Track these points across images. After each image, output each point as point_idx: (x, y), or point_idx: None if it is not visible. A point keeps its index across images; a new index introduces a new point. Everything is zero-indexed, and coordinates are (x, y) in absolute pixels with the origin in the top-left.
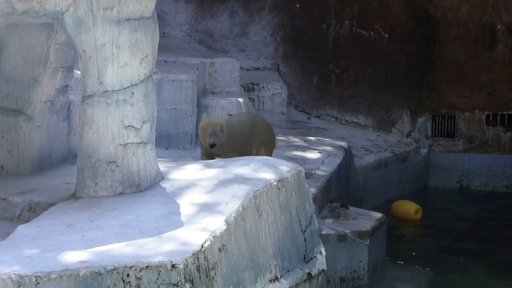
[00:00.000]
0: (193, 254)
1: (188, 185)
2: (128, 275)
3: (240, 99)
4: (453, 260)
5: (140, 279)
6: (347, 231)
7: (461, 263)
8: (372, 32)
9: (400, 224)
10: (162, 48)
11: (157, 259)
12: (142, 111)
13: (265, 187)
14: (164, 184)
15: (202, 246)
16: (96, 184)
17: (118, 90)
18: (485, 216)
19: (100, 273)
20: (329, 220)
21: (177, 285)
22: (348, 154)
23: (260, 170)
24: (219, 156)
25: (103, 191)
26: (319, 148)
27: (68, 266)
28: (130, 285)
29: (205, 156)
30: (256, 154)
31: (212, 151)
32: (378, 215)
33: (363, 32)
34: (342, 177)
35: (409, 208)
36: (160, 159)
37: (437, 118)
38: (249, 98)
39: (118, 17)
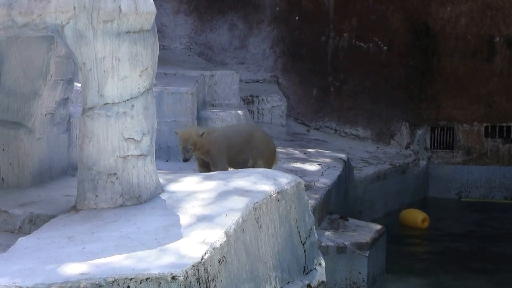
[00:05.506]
0: (193, 266)
1: (188, 197)
2: (128, 287)
3: (240, 111)
4: (453, 272)
5: None
6: (346, 243)
7: (461, 275)
8: (371, 45)
9: (405, 233)
10: (162, 61)
11: (157, 271)
12: (142, 123)
13: (264, 199)
14: (164, 196)
15: (202, 258)
16: (97, 196)
17: (118, 103)
18: (485, 228)
19: (101, 285)
20: (328, 232)
21: None
22: (347, 166)
23: (260, 182)
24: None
25: (103, 203)
26: (319, 160)
27: (69, 278)
28: None
29: (199, 166)
30: (253, 166)
31: (198, 158)
32: (378, 226)
33: (362, 44)
34: (342, 189)
35: (416, 216)
36: (160, 171)
37: (436, 130)
38: (249, 110)
39: (118, 30)
